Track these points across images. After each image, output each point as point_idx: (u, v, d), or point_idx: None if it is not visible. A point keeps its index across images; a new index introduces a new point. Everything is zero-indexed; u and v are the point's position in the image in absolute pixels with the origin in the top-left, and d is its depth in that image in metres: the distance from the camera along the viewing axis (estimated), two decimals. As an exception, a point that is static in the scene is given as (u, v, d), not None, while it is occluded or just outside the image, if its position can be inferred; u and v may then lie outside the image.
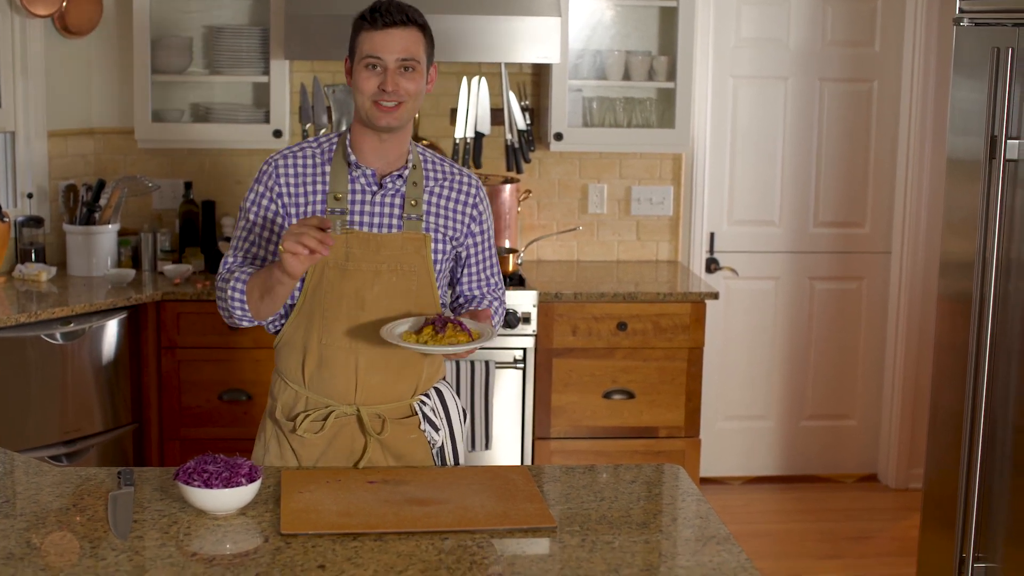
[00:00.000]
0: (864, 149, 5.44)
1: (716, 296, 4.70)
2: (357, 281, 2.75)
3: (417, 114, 5.08)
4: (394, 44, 2.70)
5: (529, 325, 4.56)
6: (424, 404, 2.86)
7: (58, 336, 4.21)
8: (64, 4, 4.77)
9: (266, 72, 4.83)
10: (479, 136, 4.93)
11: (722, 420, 5.54)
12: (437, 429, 2.87)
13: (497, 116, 5.02)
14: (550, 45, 4.60)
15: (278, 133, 4.81)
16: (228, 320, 2.82)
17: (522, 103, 4.96)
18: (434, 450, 2.88)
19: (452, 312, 2.97)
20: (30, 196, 4.81)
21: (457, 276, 2.96)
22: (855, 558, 4.81)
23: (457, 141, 4.92)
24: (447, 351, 2.63)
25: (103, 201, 4.77)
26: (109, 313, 4.37)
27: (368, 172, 2.78)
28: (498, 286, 3.02)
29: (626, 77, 5.03)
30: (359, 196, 2.78)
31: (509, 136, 4.90)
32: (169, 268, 4.72)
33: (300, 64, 5.00)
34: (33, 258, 4.73)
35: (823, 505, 5.34)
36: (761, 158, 5.40)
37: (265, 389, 4.30)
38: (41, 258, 4.75)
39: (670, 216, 5.32)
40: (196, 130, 4.88)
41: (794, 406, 5.58)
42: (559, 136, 4.91)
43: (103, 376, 4.37)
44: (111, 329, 4.38)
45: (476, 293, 2.98)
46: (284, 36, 4.59)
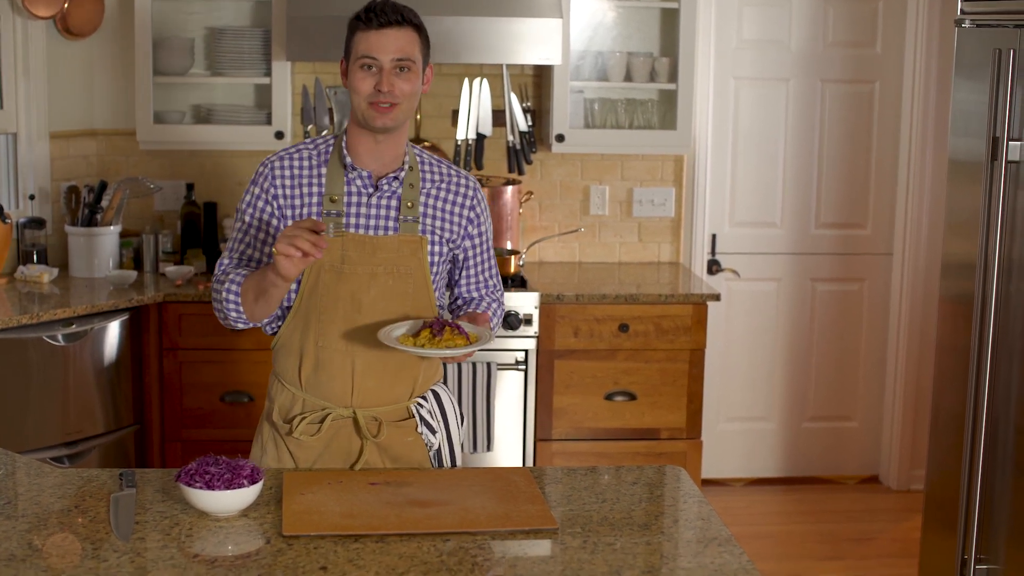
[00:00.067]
0: (866, 150, 5.44)
1: (718, 298, 4.69)
2: (353, 284, 2.75)
3: (419, 115, 5.09)
4: (389, 44, 2.69)
5: (531, 327, 4.56)
6: (421, 407, 2.85)
7: (60, 337, 4.22)
8: (66, 6, 4.78)
9: (268, 73, 4.83)
10: (481, 138, 4.93)
11: (724, 422, 5.54)
12: (434, 432, 2.87)
13: (499, 118, 5.01)
14: (551, 46, 4.60)
15: (280, 135, 4.81)
16: (223, 322, 2.82)
17: (524, 104, 4.96)
18: (431, 452, 2.88)
19: (450, 314, 2.97)
20: (32, 197, 4.81)
21: (455, 278, 2.95)
22: (857, 559, 4.81)
23: (459, 143, 4.92)
24: (444, 354, 2.62)
25: (105, 202, 4.77)
26: (111, 315, 4.37)
27: (364, 174, 2.78)
28: (496, 288, 3.02)
29: (628, 78, 5.03)
30: (355, 198, 2.78)
31: (511, 137, 4.90)
32: (171, 270, 4.72)
33: (302, 65, 5.00)
34: (35, 259, 4.73)
35: (825, 507, 5.34)
36: (763, 159, 5.40)
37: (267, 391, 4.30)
38: (43, 259, 4.75)
39: (672, 217, 5.32)
40: (198, 131, 4.89)
41: (796, 408, 5.58)
42: (561, 137, 4.91)
43: (105, 377, 4.37)
44: (113, 330, 4.38)
45: (474, 295, 2.97)
46: (286, 37, 4.59)
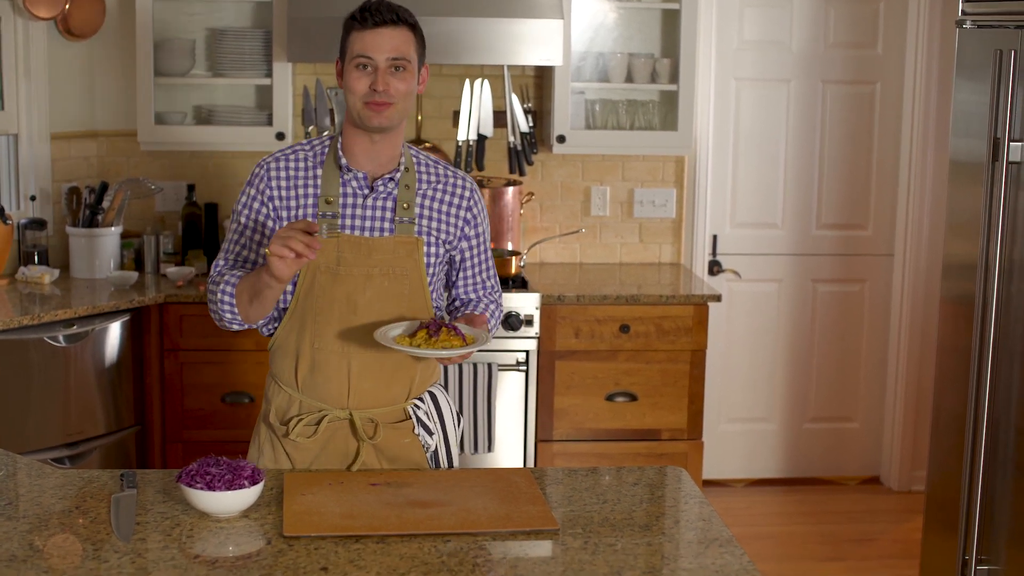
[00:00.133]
0: (867, 151, 5.44)
1: (719, 298, 4.69)
2: (349, 285, 2.75)
3: (420, 116, 5.09)
4: (384, 44, 2.68)
5: (532, 327, 4.56)
6: (418, 408, 2.85)
7: (61, 338, 4.22)
8: (67, 7, 4.78)
9: (269, 74, 4.83)
10: (482, 138, 4.93)
11: (725, 422, 5.54)
12: (431, 433, 2.87)
13: (500, 119, 5.02)
14: (553, 47, 4.60)
15: (281, 135, 4.81)
16: (219, 323, 2.82)
17: (525, 105, 4.96)
18: (428, 454, 2.88)
19: (448, 316, 2.96)
20: (33, 198, 4.81)
21: (452, 279, 2.94)
22: (858, 560, 4.81)
23: (460, 143, 4.92)
24: (440, 355, 2.62)
25: (106, 203, 4.77)
26: (112, 315, 4.37)
27: (360, 175, 2.77)
28: (494, 289, 3.01)
29: (629, 79, 5.03)
30: (350, 200, 2.77)
31: (512, 138, 4.90)
32: (172, 270, 4.72)
33: (303, 66, 5.00)
34: (36, 260, 4.73)
35: (826, 507, 5.34)
36: (764, 160, 5.40)
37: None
38: (44, 260, 4.75)
39: (673, 218, 5.32)
40: (199, 132, 4.89)
41: (797, 408, 5.58)
42: (562, 138, 4.91)
43: (106, 378, 4.37)
44: (114, 331, 4.38)
45: (472, 296, 2.96)
46: (287, 38, 4.60)
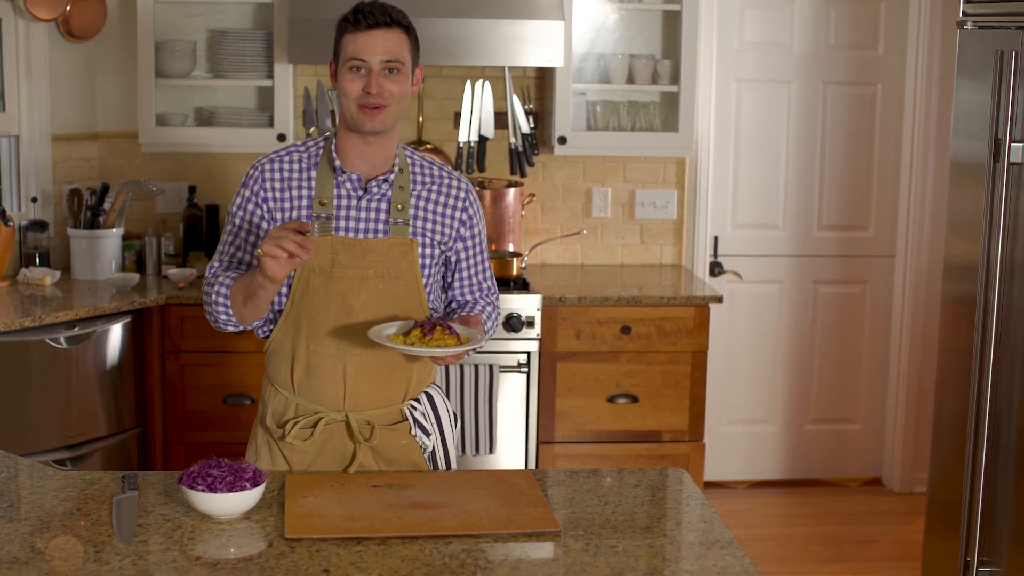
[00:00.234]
0: (868, 152, 5.44)
1: (720, 300, 4.69)
2: (343, 287, 2.75)
3: (421, 117, 5.09)
4: (378, 45, 2.68)
5: (533, 329, 4.56)
6: (415, 409, 2.85)
7: (62, 340, 4.22)
8: (68, 8, 4.78)
9: (270, 76, 4.84)
10: (483, 140, 4.93)
11: (726, 424, 5.54)
12: (428, 434, 2.86)
13: (501, 120, 5.02)
14: (554, 49, 4.60)
15: (282, 137, 4.81)
16: (214, 325, 2.82)
17: (526, 107, 4.96)
18: (426, 455, 2.88)
19: (445, 318, 2.96)
20: (34, 200, 4.81)
21: (448, 281, 2.94)
22: (859, 562, 4.81)
23: (461, 145, 4.92)
24: (434, 353, 2.62)
25: (107, 205, 4.77)
26: (113, 317, 4.37)
27: (354, 177, 2.77)
28: (491, 291, 3.00)
29: (630, 81, 5.03)
30: (344, 201, 2.77)
31: (513, 140, 4.90)
32: (173, 272, 4.72)
33: (304, 68, 5.00)
34: (37, 262, 4.73)
35: (827, 509, 5.34)
36: (765, 161, 5.40)
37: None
38: (45, 262, 4.75)
39: (674, 220, 5.32)
40: (200, 134, 4.89)
41: (798, 410, 5.58)
42: (563, 140, 4.91)
43: (107, 380, 4.37)
44: (115, 333, 4.38)
45: (468, 298, 2.96)
46: (287, 40, 4.60)
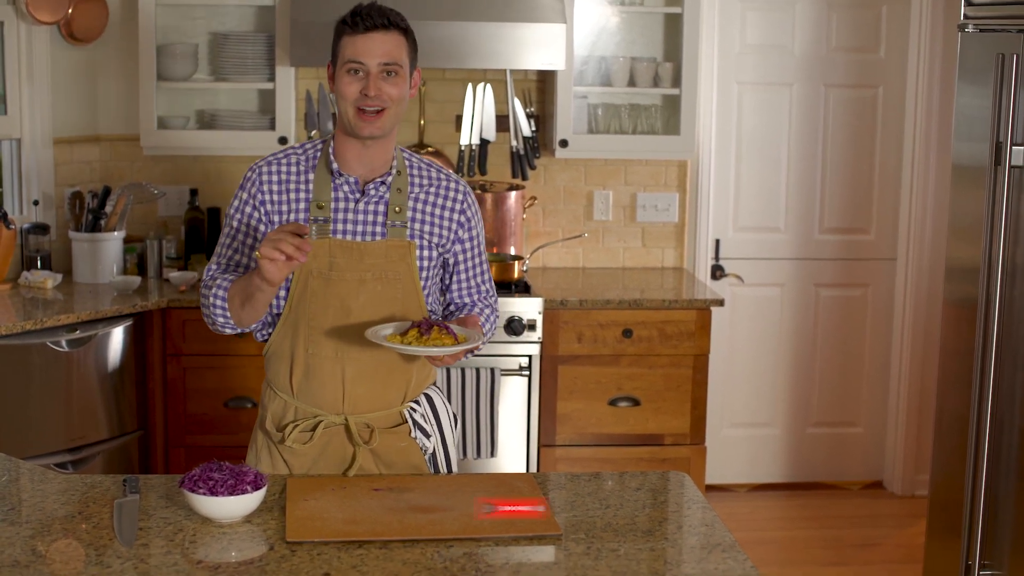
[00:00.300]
0: (869, 155, 5.44)
1: (721, 303, 4.69)
2: (342, 290, 2.75)
3: (422, 121, 5.09)
4: (376, 48, 2.68)
5: (534, 332, 4.56)
6: (414, 411, 2.85)
7: (63, 343, 4.22)
8: (70, 11, 4.78)
9: (271, 79, 4.84)
10: (484, 143, 4.93)
11: (727, 427, 5.54)
12: (428, 436, 2.86)
13: (502, 123, 5.02)
14: (555, 52, 4.60)
15: (283, 140, 4.81)
16: (212, 327, 2.82)
17: (527, 110, 4.96)
18: (426, 456, 2.87)
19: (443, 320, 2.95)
20: (36, 203, 4.81)
21: (447, 283, 2.93)
22: (861, 565, 4.81)
23: (462, 148, 4.92)
24: (431, 352, 2.62)
25: (109, 208, 4.77)
26: (114, 320, 4.37)
27: (351, 180, 2.77)
28: (489, 294, 2.99)
29: (631, 83, 5.03)
30: (342, 204, 2.77)
31: (514, 143, 4.90)
32: (174, 275, 4.72)
33: (305, 71, 5.00)
34: (39, 265, 4.73)
35: (829, 512, 5.33)
36: (766, 164, 5.40)
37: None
38: (47, 265, 4.75)
39: (675, 223, 5.31)
40: (201, 137, 4.89)
41: (799, 413, 5.57)
42: (564, 143, 4.91)
43: (108, 383, 4.37)
44: (116, 336, 4.38)
45: (467, 301, 2.95)
46: (289, 43, 4.60)
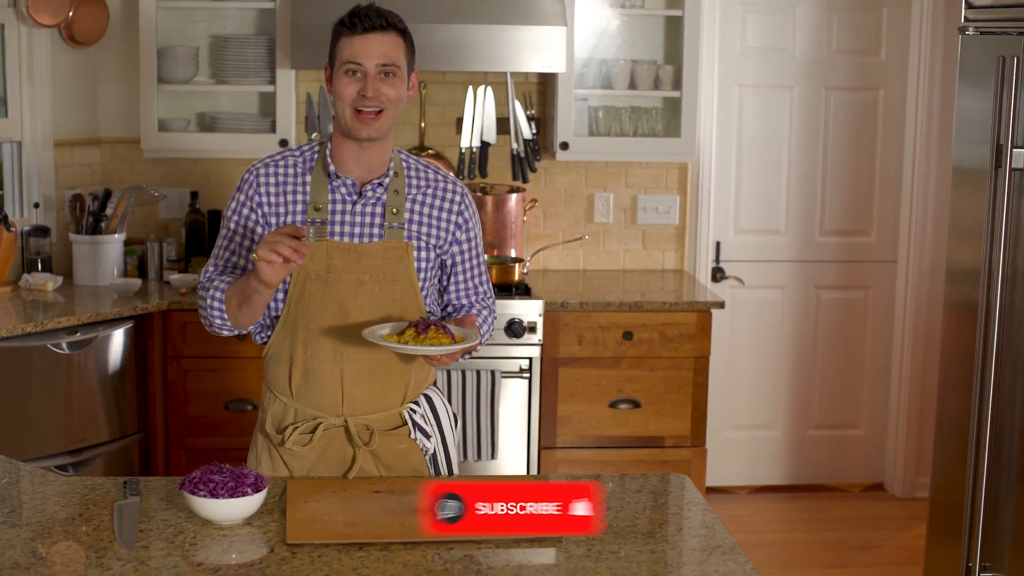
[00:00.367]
0: (870, 158, 5.44)
1: (722, 305, 4.69)
2: (339, 292, 2.75)
3: (423, 123, 5.09)
4: (374, 49, 2.68)
5: (535, 334, 4.56)
6: (414, 412, 2.85)
7: (64, 345, 4.22)
8: (70, 14, 4.79)
9: (272, 81, 4.84)
10: (485, 145, 4.93)
11: (728, 429, 5.54)
12: (428, 436, 2.86)
13: (503, 125, 5.02)
14: (556, 54, 4.61)
15: (284, 142, 4.81)
16: (209, 329, 2.82)
17: (528, 112, 4.96)
18: (427, 457, 2.87)
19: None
20: (36, 205, 4.82)
21: (444, 285, 2.94)
22: (861, 567, 4.81)
23: (463, 150, 4.92)
24: (428, 352, 2.62)
25: (109, 210, 4.78)
26: (115, 323, 4.37)
27: (348, 182, 2.77)
28: (487, 295, 2.99)
29: (632, 86, 5.03)
30: (339, 206, 2.77)
31: (515, 145, 4.90)
32: (175, 278, 4.72)
33: (306, 73, 5.01)
34: (39, 267, 4.73)
35: (829, 514, 5.33)
36: (767, 167, 5.40)
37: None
38: (47, 267, 4.76)
39: (676, 225, 5.32)
40: (202, 139, 4.89)
41: (800, 415, 5.57)
42: (565, 145, 4.92)
43: (109, 385, 4.37)
44: (117, 338, 4.38)
45: (464, 302, 2.95)
46: (290, 45, 4.60)
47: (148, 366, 4.51)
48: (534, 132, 4.94)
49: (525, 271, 4.86)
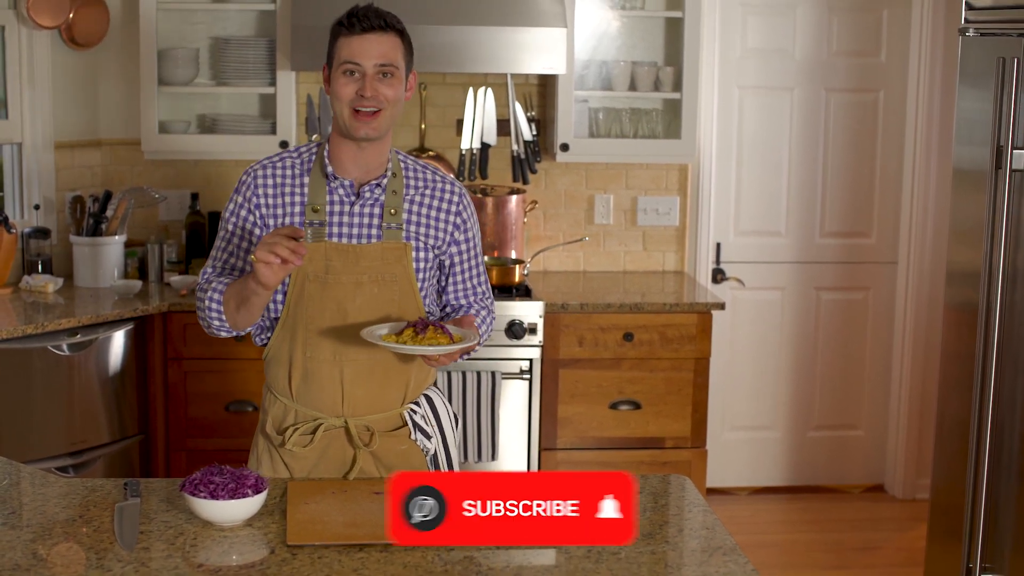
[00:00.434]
0: (870, 159, 5.44)
1: (722, 306, 4.69)
2: (338, 293, 2.75)
3: (423, 125, 5.09)
4: (372, 49, 2.68)
5: (535, 336, 4.56)
6: (414, 413, 2.85)
7: (64, 347, 4.22)
8: (71, 16, 4.79)
9: (272, 83, 4.84)
10: (485, 147, 4.93)
11: (728, 430, 5.54)
12: (429, 437, 2.86)
13: (503, 127, 5.02)
14: (556, 56, 4.61)
15: (284, 144, 4.81)
16: (207, 330, 2.82)
17: (528, 114, 4.96)
18: (427, 457, 2.87)
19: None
20: (37, 207, 4.82)
21: (443, 285, 2.94)
22: (862, 568, 4.80)
23: (463, 152, 4.93)
24: (426, 352, 2.62)
25: (110, 212, 4.78)
26: (115, 324, 4.38)
27: (346, 183, 2.77)
28: (485, 295, 2.99)
29: (632, 88, 5.03)
30: (337, 207, 2.77)
31: (515, 147, 4.90)
32: (175, 279, 4.72)
33: (306, 75, 5.01)
34: (40, 269, 4.73)
35: (830, 515, 5.33)
36: (767, 168, 5.40)
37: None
38: (48, 269, 4.76)
39: (676, 226, 5.32)
40: (202, 141, 4.89)
41: (800, 416, 5.57)
42: (565, 147, 4.92)
43: (109, 387, 4.38)
44: (117, 340, 4.38)
45: (463, 302, 2.95)
46: (290, 47, 4.60)
47: (148, 368, 4.51)
48: (534, 134, 4.94)
49: (525, 272, 4.86)
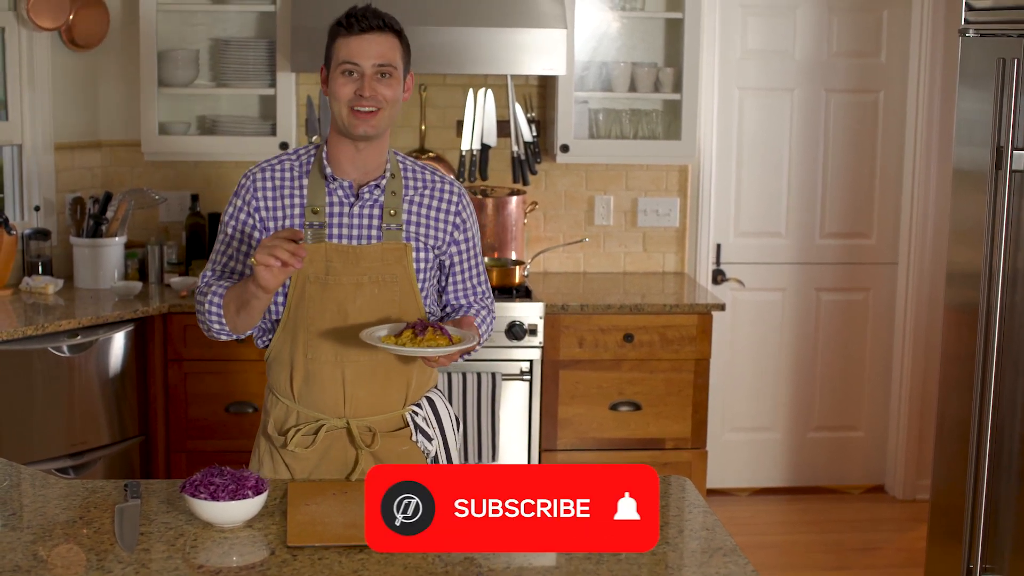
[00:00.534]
0: (870, 160, 5.44)
1: (722, 307, 4.69)
2: (339, 294, 2.75)
3: (423, 126, 5.09)
4: (371, 49, 2.69)
5: (536, 337, 4.56)
6: (416, 414, 2.85)
7: (65, 349, 4.22)
8: (71, 17, 4.79)
9: (272, 84, 4.84)
10: (485, 148, 4.93)
11: (729, 431, 5.54)
12: (430, 439, 2.86)
13: (503, 128, 5.02)
14: (556, 57, 4.61)
15: (284, 145, 4.81)
16: (207, 333, 2.82)
17: (528, 115, 4.96)
18: (428, 460, 2.87)
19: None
20: (37, 209, 4.82)
21: (443, 285, 2.94)
22: (862, 569, 4.80)
23: (463, 153, 4.93)
24: (426, 353, 2.62)
25: (110, 213, 4.78)
26: (116, 325, 4.38)
27: (345, 184, 2.77)
28: (485, 295, 2.99)
29: (632, 89, 5.03)
30: (337, 209, 2.77)
31: (515, 148, 4.91)
32: (176, 280, 4.72)
33: (306, 76, 5.01)
34: (40, 271, 4.73)
35: (830, 516, 5.33)
36: (767, 169, 5.40)
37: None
38: (48, 271, 4.76)
39: (676, 228, 5.32)
40: (202, 142, 4.89)
41: (801, 417, 5.57)
42: (565, 148, 4.92)
43: (110, 388, 4.38)
44: (118, 341, 4.38)
45: (463, 303, 2.95)
46: (290, 48, 4.60)
47: (149, 369, 4.51)
48: (534, 135, 4.94)
49: (526, 274, 4.86)
